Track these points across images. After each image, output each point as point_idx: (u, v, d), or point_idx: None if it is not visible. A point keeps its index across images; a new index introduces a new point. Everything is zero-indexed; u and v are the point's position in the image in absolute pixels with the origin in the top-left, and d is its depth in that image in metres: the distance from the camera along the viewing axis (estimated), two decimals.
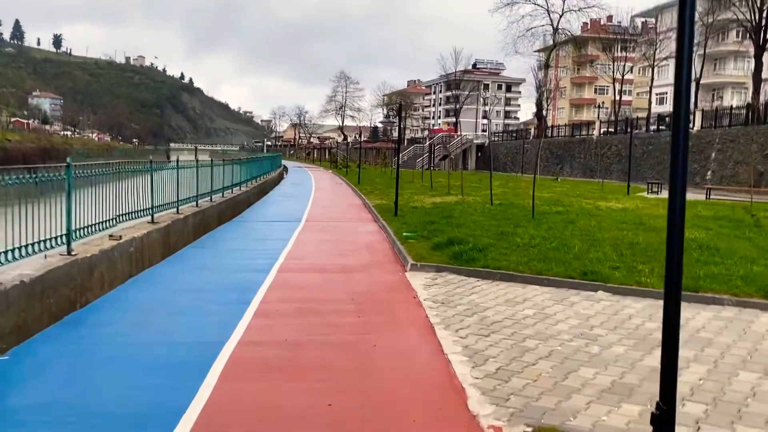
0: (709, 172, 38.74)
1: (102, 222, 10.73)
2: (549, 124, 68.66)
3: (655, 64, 60.71)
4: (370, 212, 22.25)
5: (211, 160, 19.92)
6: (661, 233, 14.38)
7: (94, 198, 10.44)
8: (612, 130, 53.77)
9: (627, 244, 12.47)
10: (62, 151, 78.62)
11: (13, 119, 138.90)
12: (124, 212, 11.79)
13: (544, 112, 68.03)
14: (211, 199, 18.39)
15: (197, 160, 17.72)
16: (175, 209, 14.71)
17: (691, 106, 47.34)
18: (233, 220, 19.67)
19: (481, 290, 9.84)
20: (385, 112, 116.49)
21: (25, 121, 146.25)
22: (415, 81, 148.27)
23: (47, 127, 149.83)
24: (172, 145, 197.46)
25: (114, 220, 11.35)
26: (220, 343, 7.13)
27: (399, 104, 21.48)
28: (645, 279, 9.82)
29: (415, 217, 18.25)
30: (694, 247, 12.00)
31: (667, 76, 69.35)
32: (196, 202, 16.65)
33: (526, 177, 50.78)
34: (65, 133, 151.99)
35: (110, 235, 11.00)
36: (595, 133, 54.18)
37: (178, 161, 15.37)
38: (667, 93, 71.91)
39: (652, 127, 47.47)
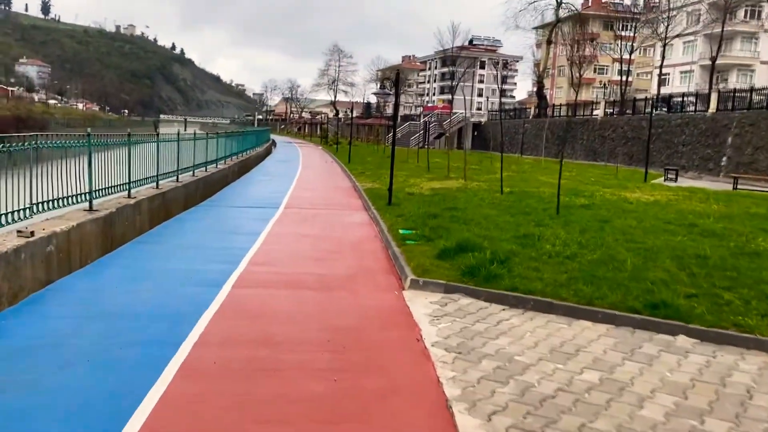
0: (724, 158, 35.99)
1: (7, 213, 8.08)
2: (549, 103, 65.47)
3: (666, 42, 57.49)
4: (361, 198, 19.44)
5: (178, 133, 17.20)
6: (725, 240, 11.59)
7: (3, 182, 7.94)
8: (617, 111, 50.74)
9: (692, 256, 9.48)
10: (40, 120, 75.17)
11: None
12: (45, 199, 9.14)
13: (545, 91, 64.80)
14: (177, 178, 15.91)
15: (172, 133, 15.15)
16: (126, 192, 12.20)
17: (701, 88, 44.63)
18: (202, 203, 17.03)
19: (511, 327, 6.99)
20: (380, 85, 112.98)
21: (9, 88, 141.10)
22: (410, 57, 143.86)
23: (33, 95, 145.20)
24: (162, 116, 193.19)
25: (26, 211, 8.64)
26: None
27: (397, 73, 18.57)
28: (742, 318, 6.89)
29: (412, 207, 15.43)
30: None
31: (670, 56, 66.27)
32: (156, 183, 14.19)
33: (526, 158, 47.93)
34: (50, 101, 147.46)
35: (18, 231, 8.27)
36: (599, 113, 51.08)
37: (129, 135, 12.61)
38: (669, 74, 68.89)
39: (664, 109, 44.51)
